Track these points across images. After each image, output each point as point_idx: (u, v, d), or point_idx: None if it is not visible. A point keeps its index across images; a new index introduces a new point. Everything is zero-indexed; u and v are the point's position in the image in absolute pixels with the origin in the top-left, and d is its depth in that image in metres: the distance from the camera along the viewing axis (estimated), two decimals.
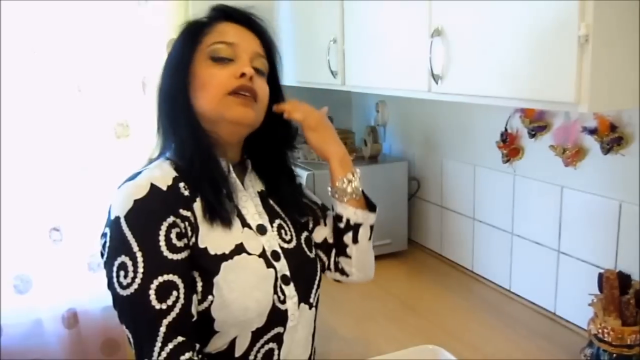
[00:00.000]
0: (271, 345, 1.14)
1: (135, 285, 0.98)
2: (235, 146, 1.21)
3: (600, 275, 1.42)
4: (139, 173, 1.09)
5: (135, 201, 1.01)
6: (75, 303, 2.43)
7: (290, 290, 1.16)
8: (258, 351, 1.12)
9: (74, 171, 2.37)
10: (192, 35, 1.15)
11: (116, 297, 1.01)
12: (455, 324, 1.78)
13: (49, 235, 2.37)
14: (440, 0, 1.48)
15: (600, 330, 1.37)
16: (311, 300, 1.22)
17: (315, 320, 1.27)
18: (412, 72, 1.63)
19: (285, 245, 1.20)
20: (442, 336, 1.67)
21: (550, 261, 1.79)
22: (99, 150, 2.40)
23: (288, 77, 2.53)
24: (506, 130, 1.90)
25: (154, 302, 0.98)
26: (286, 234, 1.23)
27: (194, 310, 1.03)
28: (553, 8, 1.14)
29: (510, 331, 1.72)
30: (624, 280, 1.40)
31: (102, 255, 1.05)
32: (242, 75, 1.11)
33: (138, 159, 1.17)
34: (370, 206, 1.36)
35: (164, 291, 0.99)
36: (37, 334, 2.38)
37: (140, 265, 0.99)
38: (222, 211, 1.10)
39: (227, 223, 1.10)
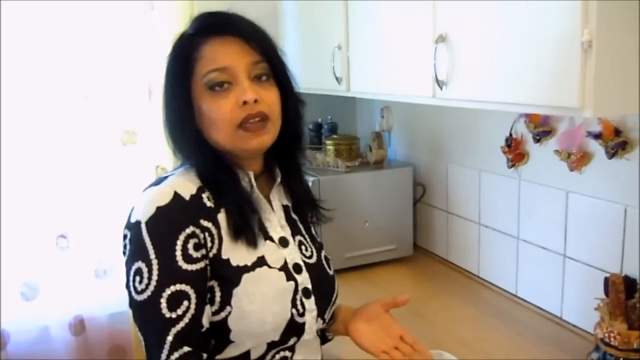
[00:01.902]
0: (286, 353, 1.15)
1: (148, 292, 1.00)
2: (256, 157, 1.18)
3: (606, 280, 1.42)
4: (165, 178, 1.10)
5: (158, 208, 1.03)
6: (82, 310, 2.44)
7: (310, 303, 1.16)
8: (273, 357, 1.13)
9: (81, 178, 2.38)
10: (182, 67, 1.10)
11: (131, 300, 1.04)
12: (461, 329, 1.78)
13: (56, 242, 2.38)
14: (445, 7, 1.49)
15: (606, 335, 1.37)
16: (326, 316, 1.23)
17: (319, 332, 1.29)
18: (416, 78, 1.64)
19: (307, 260, 1.21)
20: (449, 341, 1.67)
21: (556, 266, 1.78)
22: (106, 157, 2.42)
23: None
24: (511, 135, 1.91)
25: (164, 311, 1.00)
26: (307, 249, 1.23)
27: (204, 321, 1.04)
28: (557, 14, 1.15)
29: (517, 336, 1.72)
30: (629, 284, 1.40)
31: (124, 254, 1.07)
32: (245, 103, 1.07)
33: (145, 166, 1.18)
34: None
35: (175, 301, 1.01)
36: (44, 340, 2.39)
37: (155, 273, 1.00)
38: (247, 232, 1.10)
39: (252, 244, 1.10)
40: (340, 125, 2.85)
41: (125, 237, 1.06)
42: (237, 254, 1.09)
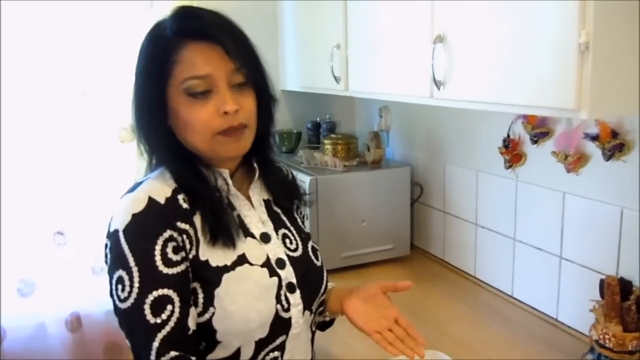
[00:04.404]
0: (275, 353, 1.15)
1: (131, 300, 1.00)
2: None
3: (602, 281, 1.42)
4: (140, 183, 1.10)
5: (134, 215, 1.03)
6: (79, 307, 2.44)
7: (295, 298, 1.17)
8: (263, 359, 1.13)
9: (78, 175, 2.38)
10: (159, 68, 1.08)
11: (116, 308, 1.04)
12: (457, 329, 1.78)
13: (53, 239, 2.38)
14: (443, 7, 1.49)
15: (601, 336, 1.37)
16: (314, 307, 1.23)
17: (314, 324, 1.29)
18: (414, 78, 1.64)
19: (291, 254, 1.21)
20: (444, 341, 1.67)
21: (552, 267, 1.79)
22: (103, 155, 2.42)
23: (292, 83, 2.55)
24: (508, 136, 1.91)
25: (149, 317, 1.00)
26: (291, 242, 1.23)
27: (190, 323, 1.04)
28: (554, 15, 1.15)
29: (512, 336, 1.72)
30: (625, 286, 1.40)
31: (106, 263, 1.07)
32: (226, 113, 1.06)
33: (141, 164, 1.19)
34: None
35: (159, 306, 1.00)
36: (41, 337, 2.39)
37: (136, 280, 1.00)
38: (223, 234, 1.10)
39: (229, 245, 1.10)
40: (338, 124, 2.85)
41: (106, 246, 1.06)
42: (215, 254, 1.08)
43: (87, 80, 2.35)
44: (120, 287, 1.01)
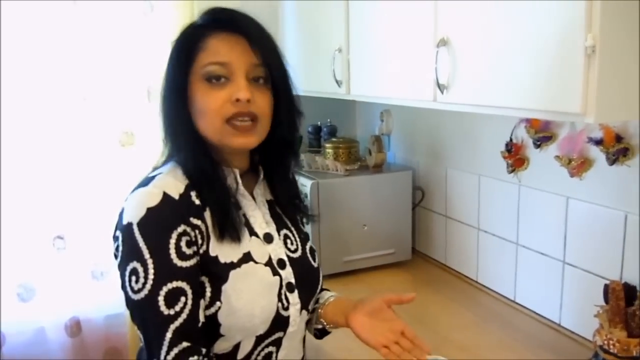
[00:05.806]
0: (270, 348, 1.18)
1: (145, 291, 1.02)
2: (242, 154, 1.22)
3: (606, 287, 1.41)
4: (152, 178, 1.11)
5: (149, 209, 1.04)
6: (78, 311, 2.44)
7: (294, 297, 1.20)
8: (259, 354, 1.16)
9: (79, 179, 2.38)
10: (185, 54, 1.13)
11: (128, 300, 1.05)
12: (459, 334, 1.77)
13: (53, 243, 2.37)
14: (446, 11, 1.49)
15: (605, 342, 1.36)
16: (310, 307, 1.27)
17: (306, 324, 1.33)
18: (417, 82, 1.64)
19: (291, 254, 1.23)
20: (447, 347, 1.66)
21: (555, 272, 1.78)
22: (104, 159, 2.41)
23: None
24: (511, 140, 1.90)
25: (163, 308, 1.02)
26: (292, 243, 1.26)
27: (201, 315, 1.06)
28: (560, 19, 1.14)
29: (515, 342, 1.72)
30: (629, 291, 1.40)
31: (116, 257, 1.08)
32: (238, 100, 1.09)
33: (143, 167, 1.19)
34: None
35: (173, 297, 1.03)
36: (40, 342, 2.39)
37: (151, 272, 1.02)
38: (230, 228, 1.12)
39: (235, 239, 1.12)
40: (339, 128, 2.85)
41: (117, 238, 1.07)
42: (224, 250, 1.11)
43: (88, 84, 2.34)
44: (134, 278, 1.03)
